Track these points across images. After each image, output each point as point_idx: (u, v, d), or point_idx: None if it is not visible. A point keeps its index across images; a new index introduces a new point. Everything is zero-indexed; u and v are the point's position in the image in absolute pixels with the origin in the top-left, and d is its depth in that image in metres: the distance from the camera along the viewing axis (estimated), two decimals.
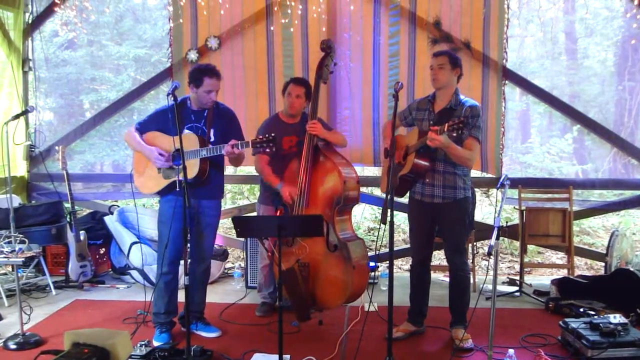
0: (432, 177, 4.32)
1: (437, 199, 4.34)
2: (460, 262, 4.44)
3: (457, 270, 4.45)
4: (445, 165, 4.28)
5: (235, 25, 6.34)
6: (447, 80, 4.30)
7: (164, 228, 4.41)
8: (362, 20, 6.22)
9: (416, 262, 4.60)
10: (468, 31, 6.12)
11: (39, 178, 7.01)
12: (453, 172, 4.31)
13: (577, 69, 11.51)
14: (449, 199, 4.33)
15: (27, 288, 5.86)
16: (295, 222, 4.10)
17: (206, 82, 4.33)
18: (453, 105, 4.28)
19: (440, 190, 4.32)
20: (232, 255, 7.44)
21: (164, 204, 4.51)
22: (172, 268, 4.47)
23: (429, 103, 4.42)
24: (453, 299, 4.54)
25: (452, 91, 4.34)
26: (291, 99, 4.98)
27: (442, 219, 4.42)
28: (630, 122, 10.66)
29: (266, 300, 5.27)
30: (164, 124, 4.40)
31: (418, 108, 4.51)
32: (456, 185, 4.33)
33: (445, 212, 4.36)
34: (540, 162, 10.11)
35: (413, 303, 4.66)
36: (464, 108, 4.24)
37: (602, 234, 8.90)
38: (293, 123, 5.06)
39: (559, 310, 5.18)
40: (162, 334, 4.49)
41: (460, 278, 4.46)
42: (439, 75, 4.29)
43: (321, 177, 4.77)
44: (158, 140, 4.46)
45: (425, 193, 4.38)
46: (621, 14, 9.86)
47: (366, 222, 8.81)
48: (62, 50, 10.80)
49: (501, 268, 7.45)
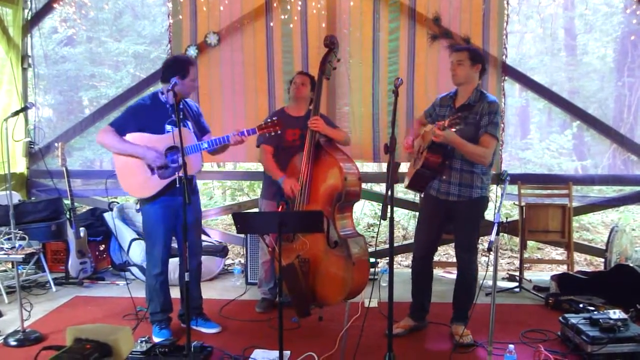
0: (448, 174, 4.27)
1: (452, 197, 4.30)
2: (469, 260, 4.39)
3: (465, 269, 4.43)
4: (462, 163, 4.23)
5: (234, 22, 6.32)
6: (466, 76, 4.24)
7: (156, 229, 4.39)
8: (362, 16, 6.21)
9: (419, 256, 4.58)
10: (468, 27, 6.11)
11: (38, 175, 7.00)
12: (470, 170, 4.25)
13: (576, 65, 11.54)
14: (464, 197, 4.28)
15: (27, 285, 5.85)
16: (296, 218, 4.10)
17: (192, 71, 4.34)
18: (472, 101, 4.23)
19: (455, 188, 4.28)
20: (232, 252, 7.45)
21: (151, 205, 4.38)
22: (165, 268, 4.48)
23: (451, 99, 4.39)
24: (458, 296, 4.52)
25: (473, 87, 4.27)
26: (296, 85, 5.06)
27: (455, 217, 4.38)
28: (629, 118, 10.70)
29: (266, 296, 5.27)
30: (145, 122, 4.29)
31: (441, 104, 4.48)
32: (473, 183, 4.26)
33: (459, 210, 4.32)
34: (540, 158, 10.13)
35: (415, 298, 4.65)
36: (482, 104, 4.19)
37: (602, 229, 8.92)
38: (298, 116, 5.07)
39: (558, 305, 5.18)
40: (162, 330, 4.49)
41: (467, 276, 4.42)
42: (457, 70, 4.24)
43: (322, 173, 4.76)
44: (147, 141, 4.27)
45: (441, 190, 4.34)
46: (621, 10, 9.88)
47: (366, 218, 8.82)
48: (61, 47, 10.81)
49: (501, 264, 7.46)
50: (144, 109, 4.34)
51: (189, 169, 4.03)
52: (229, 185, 10.12)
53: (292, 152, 4.96)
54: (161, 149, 4.26)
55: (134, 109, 4.40)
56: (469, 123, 4.13)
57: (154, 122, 4.29)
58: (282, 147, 5.01)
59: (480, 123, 4.16)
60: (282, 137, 4.88)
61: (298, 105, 5.10)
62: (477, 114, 4.17)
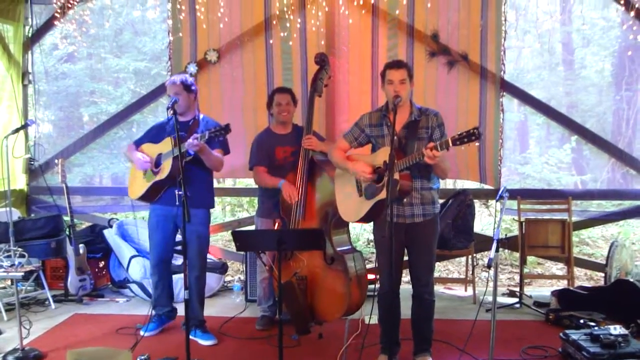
0: (410, 196, 4.03)
1: (417, 218, 4.06)
2: (430, 282, 4.18)
3: (426, 293, 4.15)
4: (422, 181, 4.06)
5: (234, 39, 6.34)
6: (408, 94, 4.05)
7: (151, 234, 4.93)
8: (361, 33, 6.22)
9: (387, 288, 4.09)
10: (466, 43, 6.12)
11: (38, 191, 7.00)
12: (429, 188, 4.10)
13: (574, 79, 11.57)
14: (428, 217, 4.09)
15: (26, 302, 5.84)
16: (296, 236, 4.11)
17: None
18: (416, 116, 4.05)
19: (419, 208, 4.06)
20: (231, 268, 7.44)
21: (151, 212, 4.96)
22: (156, 270, 4.94)
23: (384, 117, 4.12)
24: (420, 325, 4.23)
25: (409, 102, 4.11)
26: (281, 107, 5.07)
27: (416, 237, 4.11)
28: (628, 131, 10.71)
29: (266, 314, 5.26)
30: (155, 137, 4.87)
31: (371, 124, 4.19)
32: (433, 200, 4.12)
33: (421, 231, 4.09)
34: (539, 172, 10.14)
35: (387, 334, 4.22)
36: (429, 117, 4.07)
37: (602, 244, 8.91)
38: (285, 133, 5.15)
39: (559, 321, 5.17)
40: (150, 324, 4.89)
41: (427, 302, 4.17)
42: (402, 90, 3.96)
43: (317, 189, 4.83)
44: (146, 149, 4.88)
45: (404, 214, 4.06)
46: (618, 24, 9.91)
47: (365, 234, 8.81)
48: (62, 63, 10.85)
49: (501, 279, 7.44)
50: (157, 125, 5.04)
51: (162, 173, 4.62)
52: (228, 201, 10.12)
53: (286, 169, 5.02)
54: (153, 156, 4.78)
55: (152, 127, 5.07)
56: (421, 138, 4.02)
57: (164, 134, 4.76)
58: (274, 166, 5.07)
59: (432, 137, 4.02)
60: (273, 155, 5.03)
61: (284, 123, 5.15)
62: (428, 128, 4.04)
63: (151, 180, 4.71)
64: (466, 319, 5.20)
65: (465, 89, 6.16)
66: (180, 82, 4.70)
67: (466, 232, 5.97)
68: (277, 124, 5.18)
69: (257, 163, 5.10)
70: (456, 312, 5.63)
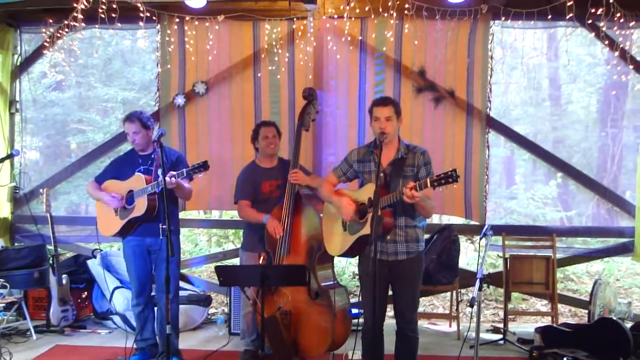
0: (394, 234, 4.05)
1: (401, 256, 4.07)
2: (413, 320, 4.17)
3: (407, 331, 4.14)
4: (407, 219, 4.06)
5: (222, 71, 6.39)
6: (394, 131, 4.09)
7: (129, 265, 5.00)
8: (349, 69, 6.29)
9: (371, 324, 4.03)
10: (452, 79, 6.18)
11: (22, 220, 6.95)
12: (414, 225, 4.10)
13: (560, 115, 11.67)
14: (412, 254, 4.09)
15: (7, 332, 5.76)
16: (279, 272, 4.11)
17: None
18: (403, 154, 4.09)
19: (403, 246, 4.06)
20: (215, 300, 7.38)
21: (125, 244, 5.01)
22: (139, 300, 4.98)
23: (372, 153, 4.17)
24: None
25: (397, 140, 4.15)
26: (268, 140, 5.10)
27: (400, 275, 4.11)
28: (613, 168, 10.80)
29: (249, 348, 5.21)
30: (119, 173, 5.00)
31: (359, 160, 4.25)
32: (418, 238, 4.12)
33: (405, 269, 4.09)
34: (525, 208, 10.17)
35: None
36: (415, 155, 4.10)
37: (586, 279, 8.91)
38: (271, 167, 5.18)
39: (542, 359, 5.16)
40: (133, 356, 4.94)
41: (410, 339, 4.15)
42: (388, 127, 4.01)
43: (302, 223, 4.83)
44: (112, 186, 4.99)
45: (388, 251, 4.07)
46: (604, 61, 10.05)
47: (351, 267, 8.77)
48: (50, 92, 10.84)
49: (485, 315, 7.43)
50: (117, 160, 5.19)
51: (137, 210, 4.72)
52: (214, 232, 10.08)
53: (271, 202, 5.03)
54: (123, 193, 4.89)
55: (112, 162, 5.22)
56: (406, 176, 4.04)
57: (127, 170, 4.94)
58: (260, 200, 5.08)
59: (418, 175, 4.05)
60: (259, 189, 5.06)
61: (271, 156, 5.18)
62: (414, 166, 4.07)
63: (125, 218, 4.84)
64: (450, 356, 5.18)
65: (451, 125, 6.21)
66: (137, 119, 4.88)
67: (451, 267, 5.98)
68: (264, 157, 5.19)
69: (242, 197, 5.11)
70: (440, 348, 5.59)
